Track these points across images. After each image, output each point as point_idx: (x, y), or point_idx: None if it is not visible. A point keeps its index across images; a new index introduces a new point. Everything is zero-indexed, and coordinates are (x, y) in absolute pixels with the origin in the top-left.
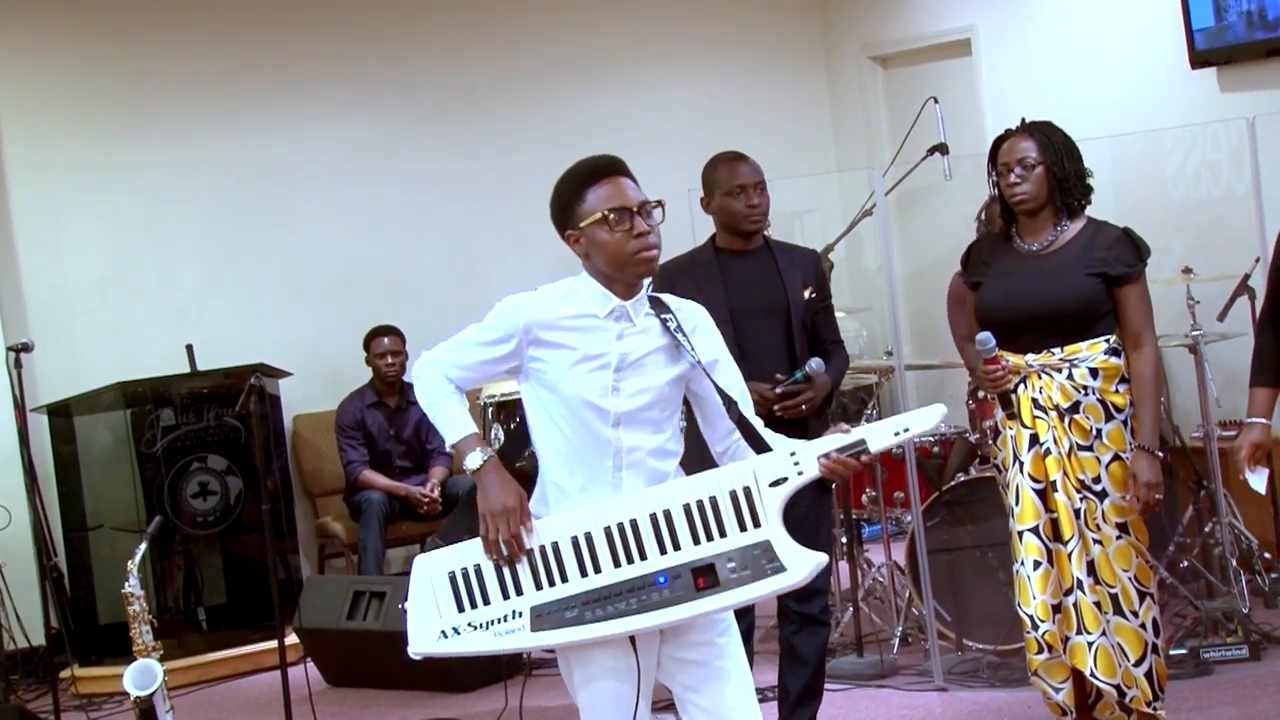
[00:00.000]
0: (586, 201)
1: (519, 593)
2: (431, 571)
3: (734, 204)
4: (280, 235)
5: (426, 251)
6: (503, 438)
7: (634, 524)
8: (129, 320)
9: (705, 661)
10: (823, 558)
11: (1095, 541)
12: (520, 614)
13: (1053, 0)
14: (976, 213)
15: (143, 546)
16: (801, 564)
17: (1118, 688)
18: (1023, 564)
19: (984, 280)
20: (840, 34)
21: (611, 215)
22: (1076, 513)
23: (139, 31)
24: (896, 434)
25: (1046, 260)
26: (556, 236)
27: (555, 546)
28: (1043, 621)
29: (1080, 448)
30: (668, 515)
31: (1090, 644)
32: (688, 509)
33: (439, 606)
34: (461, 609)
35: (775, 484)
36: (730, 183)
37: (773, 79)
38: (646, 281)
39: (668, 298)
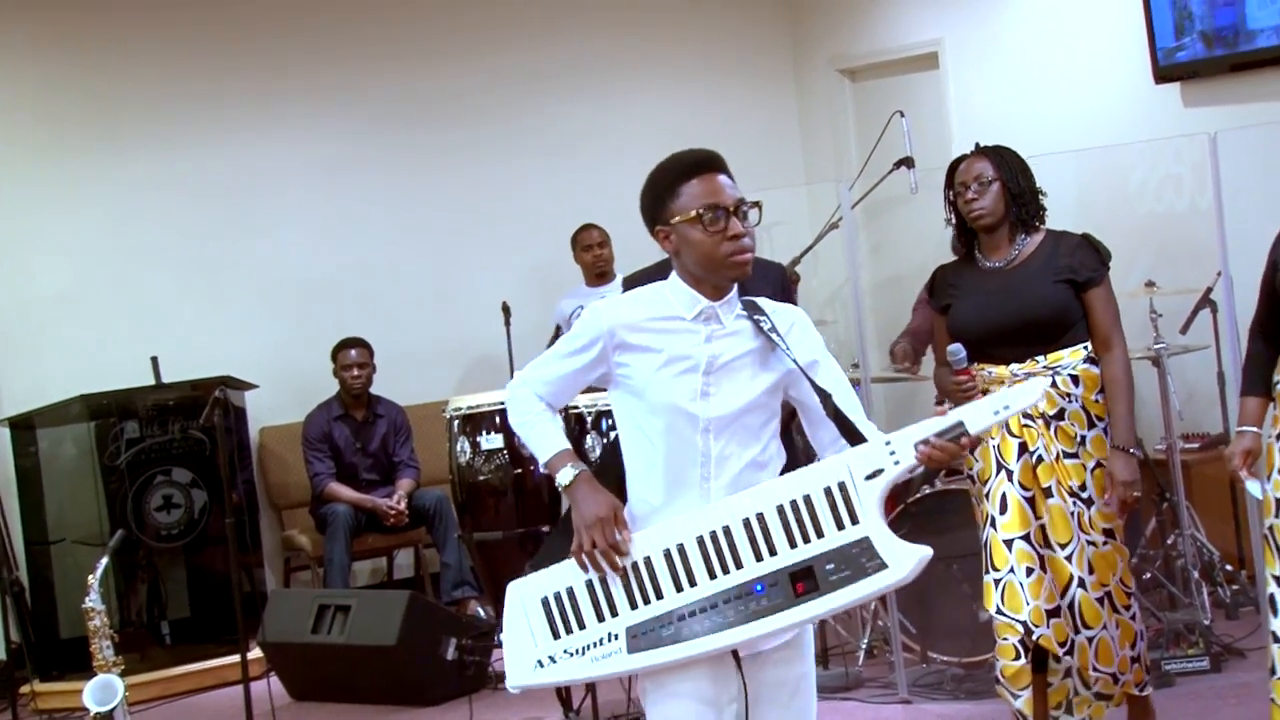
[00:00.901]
0: (680, 198)
1: (614, 614)
2: (525, 598)
3: None
4: (247, 247)
5: (396, 263)
6: (469, 451)
7: (727, 531)
8: (94, 332)
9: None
10: (926, 551)
11: (1089, 543)
12: (616, 636)
13: (1019, 15)
14: (951, 240)
15: (104, 561)
16: (904, 559)
17: (1114, 675)
18: (1012, 571)
19: (954, 301)
20: (809, 47)
21: (706, 214)
22: (1073, 515)
23: (105, 43)
24: (996, 413)
25: (1014, 275)
26: (526, 246)
27: (648, 562)
28: (1037, 626)
29: (1066, 455)
30: (761, 519)
31: (1091, 639)
32: (781, 511)
33: (534, 635)
34: (557, 635)
35: (871, 476)
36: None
37: (742, 91)
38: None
39: (763, 301)
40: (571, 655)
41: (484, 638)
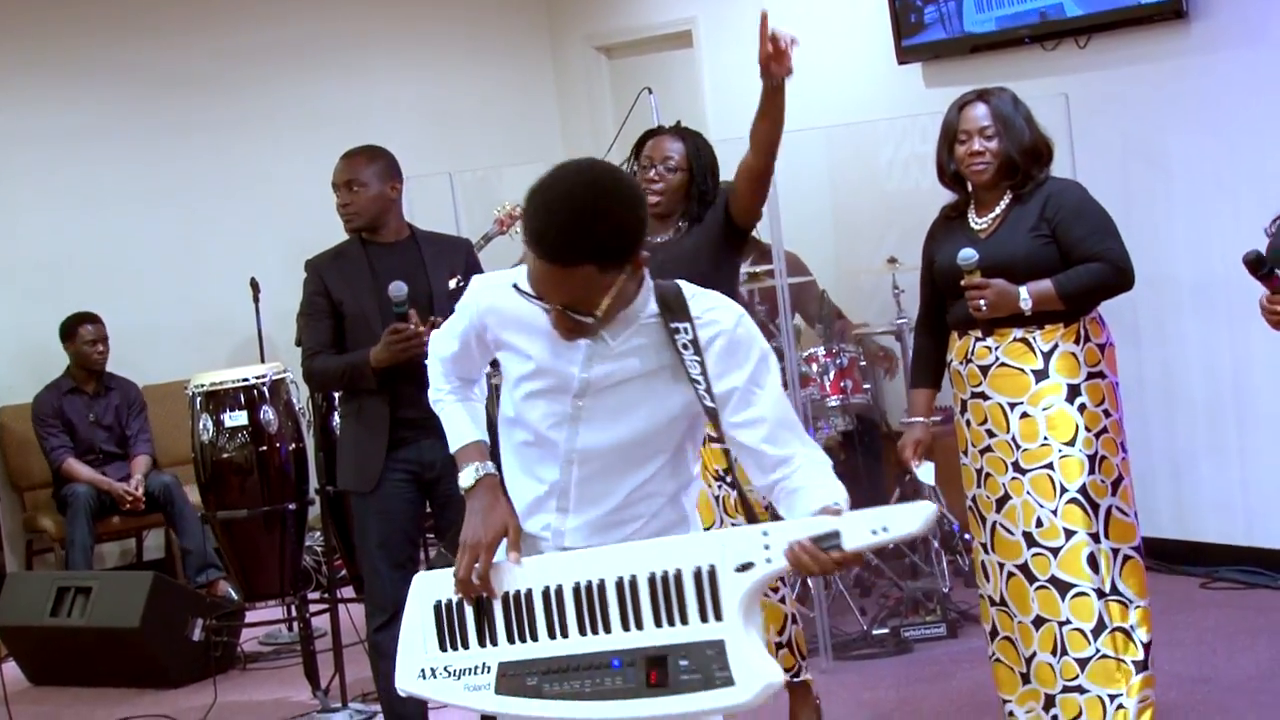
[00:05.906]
0: None
1: (494, 642)
2: (424, 597)
3: (336, 200)
4: None
5: (140, 238)
6: (212, 429)
7: (601, 587)
8: None
9: None
10: (776, 678)
11: (733, 525)
12: (489, 669)
13: None
14: None
15: None
16: (751, 681)
17: None
18: None
19: None
20: (565, 23)
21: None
22: (716, 499)
23: None
24: (874, 532)
25: (671, 249)
26: (276, 223)
27: (529, 595)
28: None
29: (713, 439)
30: (633, 584)
31: None
32: (653, 581)
33: (425, 640)
34: (444, 648)
35: (742, 569)
36: (333, 179)
37: (499, 68)
38: (647, 279)
39: (699, 298)
40: (449, 675)
41: (231, 618)
